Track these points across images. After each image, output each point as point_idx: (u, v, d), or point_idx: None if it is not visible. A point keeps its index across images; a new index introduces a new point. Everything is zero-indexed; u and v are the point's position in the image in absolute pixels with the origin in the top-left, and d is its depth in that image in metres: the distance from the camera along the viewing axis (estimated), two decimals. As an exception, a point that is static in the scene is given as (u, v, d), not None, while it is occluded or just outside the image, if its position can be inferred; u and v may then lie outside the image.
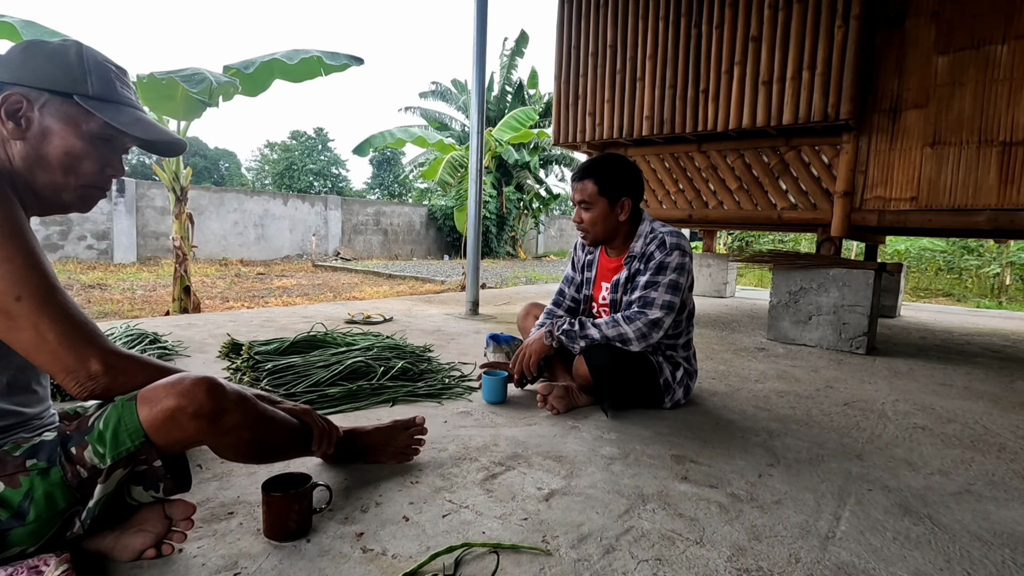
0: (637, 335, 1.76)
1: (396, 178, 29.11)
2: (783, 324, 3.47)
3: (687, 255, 1.84)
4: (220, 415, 0.92)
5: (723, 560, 1.05)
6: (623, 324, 1.78)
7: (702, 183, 3.81)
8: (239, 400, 0.96)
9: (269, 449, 1.11)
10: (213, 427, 0.92)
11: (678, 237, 1.85)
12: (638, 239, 1.90)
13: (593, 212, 1.88)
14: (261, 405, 1.04)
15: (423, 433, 1.43)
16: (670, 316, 1.79)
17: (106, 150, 0.97)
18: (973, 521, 1.24)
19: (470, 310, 4.06)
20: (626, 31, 3.82)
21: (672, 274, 1.80)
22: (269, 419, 1.06)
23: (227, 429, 0.95)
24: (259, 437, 1.03)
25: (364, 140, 11.24)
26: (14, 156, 0.91)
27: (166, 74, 3.77)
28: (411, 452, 1.42)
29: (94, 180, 0.97)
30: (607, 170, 1.87)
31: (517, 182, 16.09)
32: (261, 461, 1.14)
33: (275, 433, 1.09)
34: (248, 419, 0.98)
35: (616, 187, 1.86)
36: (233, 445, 1.00)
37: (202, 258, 10.78)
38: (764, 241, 12.62)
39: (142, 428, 0.88)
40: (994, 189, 2.86)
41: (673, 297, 1.79)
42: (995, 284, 8.98)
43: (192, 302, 4.44)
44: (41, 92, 0.90)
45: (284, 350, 2.38)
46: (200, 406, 0.89)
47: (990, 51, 2.82)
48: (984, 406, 2.20)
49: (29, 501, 0.83)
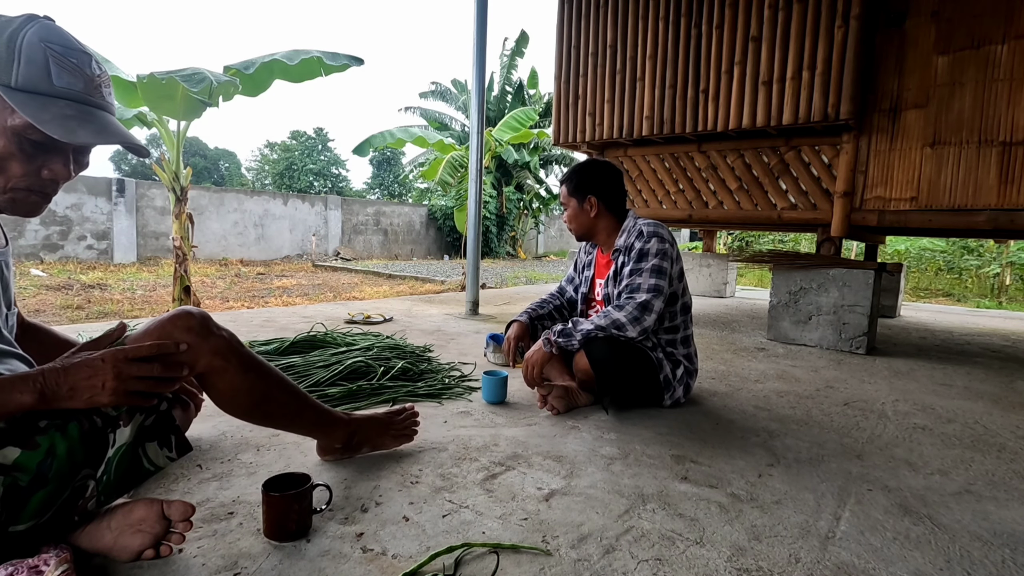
0: (629, 319, 1.80)
1: (396, 178, 29.10)
2: (783, 324, 3.47)
3: (666, 241, 1.91)
4: (208, 331, 1.02)
5: (723, 560, 1.05)
6: (614, 312, 1.83)
7: (702, 183, 3.81)
8: (226, 329, 1.08)
9: (266, 397, 1.15)
10: (204, 343, 1.01)
11: (655, 226, 1.95)
12: (622, 234, 2.00)
13: (568, 211, 2.07)
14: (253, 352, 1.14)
15: (416, 415, 1.51)
16: (659, 299, 1.83)
17: (38, 150, 0.85)
18: (973, 521, 1.24)
19: (470, 310, 4.06)
20: (626, 31, 3.82)
21: (654, 259, 1.87)
22: (261, 362, 1.14)
23: (217, 349, 1.03)
24: (252, 374, 1.10)
25: (364, 140, 11.23)
26: None
27: (166, 74, 3.77)
28: (411, 433, 1.49)
29: (27, 183, 0.86)
30: (576, 174, 2.04)
31: (517, 182, 16.09)
32: (260, 412, 1.17)
33: (270, 379, 1.16)
34: (236, 346, 1.08)
35: (582, 188, 2.02)
36: (226, 373, 1.06)
37: (202, 258, 10.78)
38: (764, 241, 12.61)
39: None
40: (994, 189, 2.86)
41: (659, 280, 1.84)
42: (995, 284, 8.97)
43: (192, 302, 4.43)
44: None
45: (284, 350, 2.38)
46: (188, 320, 1.00)
47: (990, 51, 2.82)
48: (984, 406, 2.20)
49: (51, 459, 0.83)
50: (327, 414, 1.31)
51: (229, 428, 1.61)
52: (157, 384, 0.92)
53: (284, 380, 1.20)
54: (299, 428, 1.29)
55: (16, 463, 0.81)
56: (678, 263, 1.96)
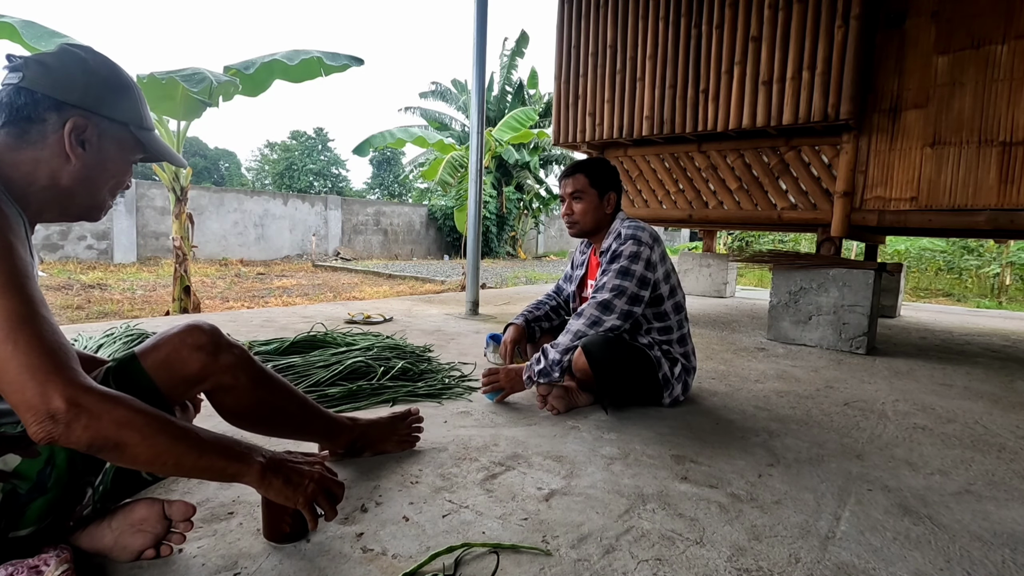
0: (588, 323, 1.84)
1: (396, 178, 29.10)
2: (783, 324, 3.47)
3: (642, 244, 1.90)
4: (218, 349, 1.03)
5: (723, 560, 1.05)
6: (574, 323, 1.86)
7: (702, 183, 3.81)
8: (235, 344, 1.08)
9: (274, 410, 1.16)
10: (214, 362, 1.02)
11: (635, 228, 1.94)
12: (608, 236, 2.01)
13: (584, 203, 2.00)
14: (263, 365, 1.14)
15: (420, 421, 1.50)
16: (621, 299, 1.84)
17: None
18: (973, 521, 1.24)
19: (470, 310, 4.06)
20: (626, 31, 3.82)
21: (624, 261, 1.88)
22: (270, 375, 1.14)
23: (226, 366, 1.03)
24: (261, 390, 1.10)
25: (364, 140, 11.24)
26: (61, 175, 0.91)
27: (166, 74, 3.77)
28: (413, 439, 1.49)
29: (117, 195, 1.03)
30: (596, 167, 2.03)
31: (517, 182, 16.09)
32: (267, 425, 1.19)
33: (280, 394, 1.16)
34: (246, 361, 1.08)
35: (604, 182, 2.01)
36: (234, 390, 1.07)
37: (202, 258, 10.78)
38: (764, 241, 12.61)
39: (148, 374, 0.96)
40: (994, 189, 2.86)
41: (622, 281, 1.85)
42: (995, 284, 8.98)
43: (192, 302, 4.44)
44: (102, 118, 0.93)
45: (284, 350, 2.38)
46: (198, 339, 1.01)
47: (990, 51, 2.82)
48: (984, 406, 2.20)
49: (51, 468, 0.83)
50: (332, 422, 1.32)
51: (229, 428, 1.61)
52: (325, 508, 1.00)
53: (292, 392, 1.20)
54: (304, 437, 1.30)
55: (16, 471, 0.82)
56: (663, 265, 1.95)
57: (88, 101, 0.91)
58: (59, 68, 0.89)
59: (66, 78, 0.89)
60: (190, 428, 0.86)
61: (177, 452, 0.83)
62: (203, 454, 0.85)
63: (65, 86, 0.89)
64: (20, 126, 0.87)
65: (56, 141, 0.89)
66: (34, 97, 0.87)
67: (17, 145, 0.88)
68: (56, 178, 0.91)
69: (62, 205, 0.94)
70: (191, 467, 0.85)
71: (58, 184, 0.91)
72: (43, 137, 0.89)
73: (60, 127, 0.89)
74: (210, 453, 0.86)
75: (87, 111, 0.91)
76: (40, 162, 0.89)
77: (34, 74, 0.87)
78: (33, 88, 0.87)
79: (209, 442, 0.87)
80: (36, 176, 0.90)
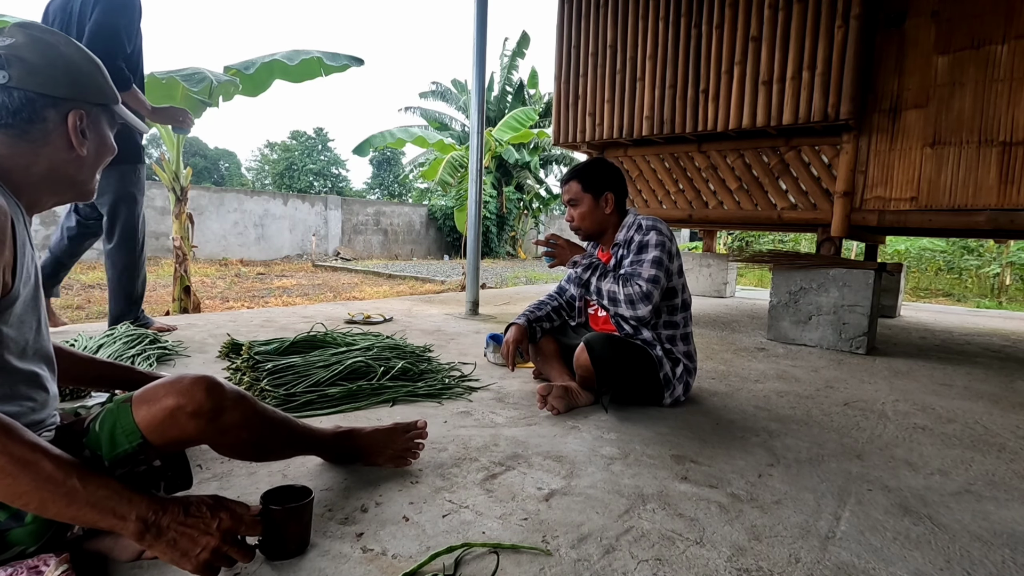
0: (626, 299, 1.84)
1: (396, 178, 29.10)
2: (783, 324, 3.47)
3: (664, 235, 1.93)
4: (219, 414, 0.93)
5: (723, 560, 1.05)
6: (620, 285, 1.86)
7: (702, 183, 3.81)
8: (238, 399, 0.97)
9: (268, 448, 1.12)
10: (212, 426, 0.92)
11: (655, 221, 1.99)
12: (622, 229, 2.04)
13: (581, 208, 2.04)
14: (260, 404, 1.05)
15: (423, 437, 1.40)
16: (657, 290, 1.85)
17: None
18: (973, 521, 1.24)
19: (470, 310, 4.06)
20: (626, 31, 3.82)
21: (655, 251, 1.89)
22: (268, 419, 1.08)
23: (226, 428, 0.95)
24: (258, 436, 1.04)
25: (364, 140, 11.25)
26: (67, 167, 0.93)
27: (166, 74, 3.77)
28: (409, 457, 1.38)
29: None
30: (588, 170, 2.05)
31: (517, 182, 16.09)
32: (260, 459, 1.15)
33: (274, 433, 1.11)
34: (247, 418, 0.99)
35: (598, 183, 2.03)
36: (232, 444, 1.01)
37: (202, 258, 10.77)
38: (764, 241, 12.61)
39: (139, 429, 0.89)
40: (994, 189, 2.86)
41: (658, 271, 1.86)
42: (995, 284, 8.98)
43: (192, 302, 4.43)
44: (91, 105, 0.95)
45: (284, 350, 2.38)
46: (199, 405, 0.90)
47: (990, 51, 2.82)
48: (984, 406, 2.20)
49: None
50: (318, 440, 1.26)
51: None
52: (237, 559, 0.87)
53: (285, 425, 1.15)
54: (291, 456, 1.26)
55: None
56: (677, 259, 1.98)
57: (77, 91, 0.92)
58: (41, 62, 0.88)
59: (51, 72, 0.89)
60: (68, 471, 0.75)
61: (40, 497, 0.74)
62: (71, 503, 0.75)
63: (54, 81, 0.89)
64: (20, 127, 0.87)
65: (59, 137, 0.90)
66: (28, 96, 0.87)
67: (16, 143, 0.88)
68: (58, 169, 0.92)
69: (61, 193, 0.96)
70: (57, 514, 0.76)
71: (59, 174, 0.93)
72: (45, 135, 0.89)
73: (60, 122, 0.90)
74: (80, 503, 0.75)
75: (79, 101, 0.93)
76: (40, 156, 0.90)
77: (19, 72, 0.86)
78: (24, 87, 0.86)
79: (83, 491, 0.75)
80: (35, 168, 0.90)
